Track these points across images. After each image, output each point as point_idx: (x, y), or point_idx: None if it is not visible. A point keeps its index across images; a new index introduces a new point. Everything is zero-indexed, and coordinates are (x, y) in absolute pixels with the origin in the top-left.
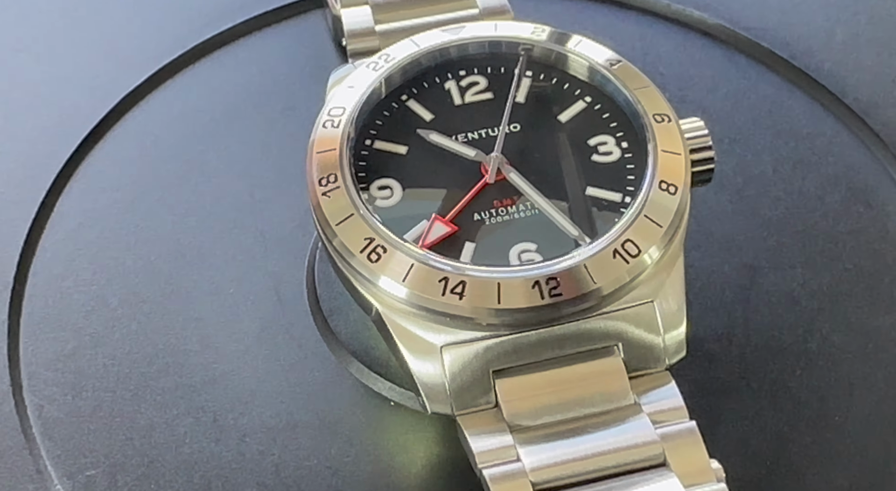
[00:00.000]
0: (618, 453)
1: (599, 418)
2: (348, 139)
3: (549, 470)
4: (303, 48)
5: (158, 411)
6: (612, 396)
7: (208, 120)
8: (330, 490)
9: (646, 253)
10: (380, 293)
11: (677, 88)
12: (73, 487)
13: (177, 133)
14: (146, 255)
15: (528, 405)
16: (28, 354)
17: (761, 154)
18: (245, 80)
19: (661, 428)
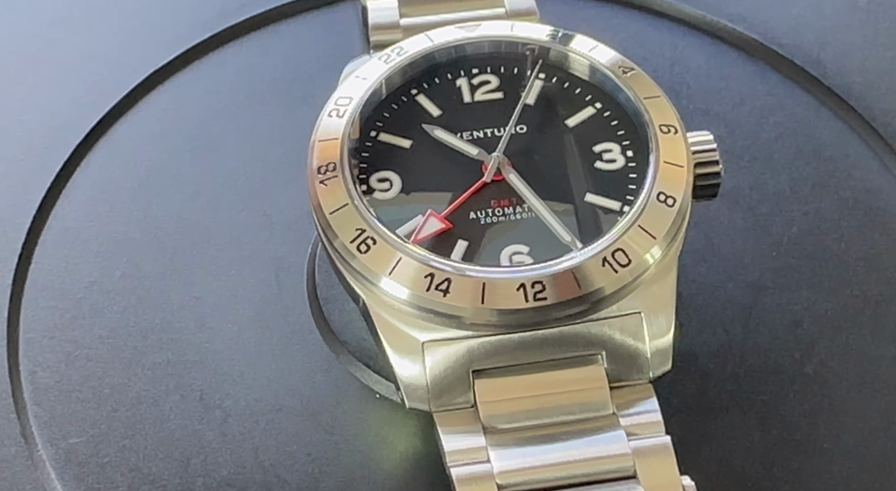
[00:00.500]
0: (588, 463)
1: (575, 426)
2: (351, 130)
3: (517, 474)
4: (332, 38)
5: (147, 386)
6: (591, 405)
7: (231, 103)
8: (306, 477)
9: (636, 263)
10: (366, 285)
11: (702, 100)
12: (56, 454)
13: (198, 114)
14: (153, 231)
15: (506, 408)
16: (28, 320)
17: (780, 172)
18: (271, 66)
19: (636, 440)
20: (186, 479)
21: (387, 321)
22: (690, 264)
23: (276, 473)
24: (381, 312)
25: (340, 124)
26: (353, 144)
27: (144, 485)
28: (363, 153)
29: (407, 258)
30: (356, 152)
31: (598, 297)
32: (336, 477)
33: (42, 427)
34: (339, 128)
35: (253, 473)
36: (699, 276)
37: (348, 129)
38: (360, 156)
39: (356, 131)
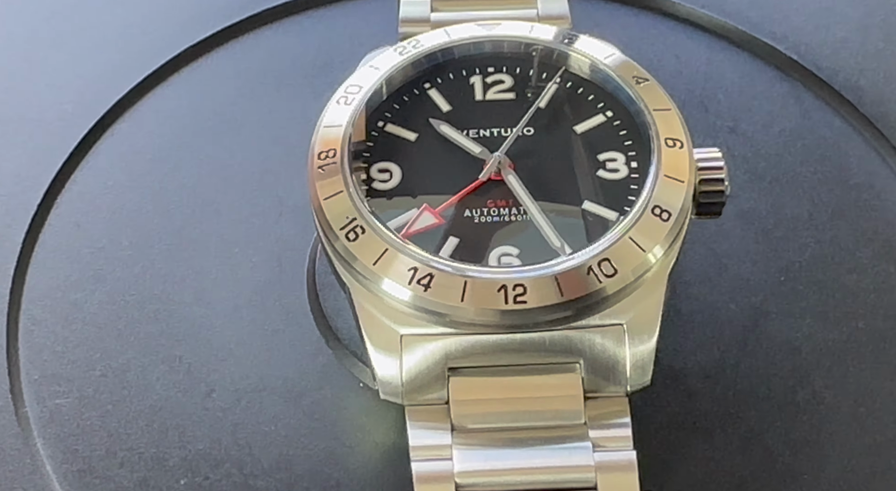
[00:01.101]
0: (549, 472)
1: (544, 433)
2: (357, 118)
3: (477, 476)
4: (368, 27)
5: (137, 354)
6: (564, 413)
7: (258, 86)
8: (280, 458)
9: (622, 274)
10: (352, 273)
11: (731, 117)
12: (41, 413)
13: (224, 95)
14: (166, 204)
15: (477, 408)
16: (33, 278)
17: (801, 197)
18: (301, 52)
19: (601, 453)
20: (162, 449)
21: (368, 311)
22: (694, 281)
23: (250, 452)
24: (364, 302)
25: (347, 112)
26: (359, 133)
27: (122, 451)
28: (368, 142)
29: (393, 250)
30: (360, 141)
31: (580, 305)
32: (309, 460)
33: (31, 385)
34: (344, 115)
35: (228, 450)
36: (702, 293)
37: (354, 117)
38: (364, 145)
39: (362, 120)
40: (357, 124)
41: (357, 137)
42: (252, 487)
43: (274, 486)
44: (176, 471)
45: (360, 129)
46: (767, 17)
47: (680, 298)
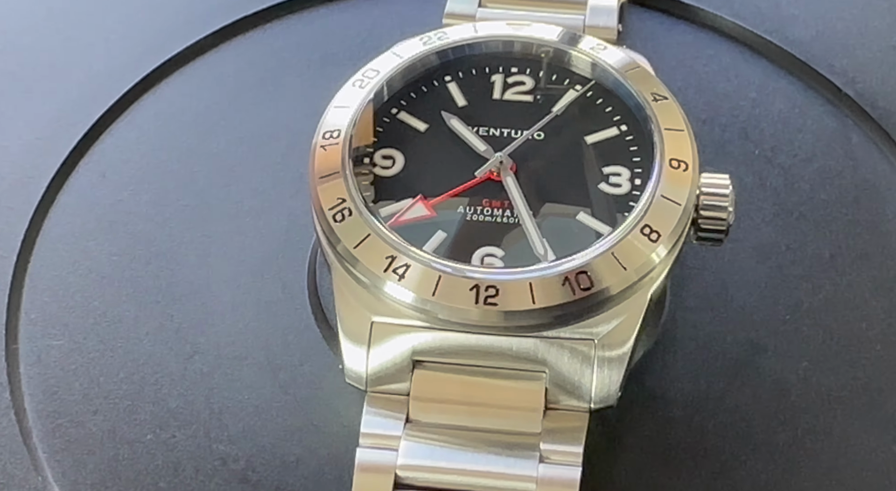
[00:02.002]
0: (490, 477)
1: (495, 437)
2: (367, 102)
3: (418, 471)
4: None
5: (132, 307)
6: (520, 421)
7: (298, 67)
8: (246, 428)
9: (597, 289)
10: (335, 254)
11: (771, 147)
12: (31, 351)
13: (265, 71)
14: (191, 166)
15: (435, 404)
16: (51, 223)
17: (827, 237)
18: (335, 40)
19: (546, 466)
20: (136, 402)
21: (344, 294)
22: (696, 308)
23: (220, 417)
24: (342, 284)
25: (359, 95)
26: (367, 117)
27: (98, 399)
28: (377, 127)
29: (375, 236)
30: (367, 125)
31: (552, 314)
32: (274, 434)
33: (28, 323)
34: (356, 98)
35: (199, 412)
36: (701, 321)
37: (365, 101)
38: (373, 129)
39: (372, 105)
40: (366, 108)
41: (364, 121)
42: (214, 451)
43: (235, 453)
44: (145, 425)
45: (368, 114)
46: (830, 50)
47: (677, 323)
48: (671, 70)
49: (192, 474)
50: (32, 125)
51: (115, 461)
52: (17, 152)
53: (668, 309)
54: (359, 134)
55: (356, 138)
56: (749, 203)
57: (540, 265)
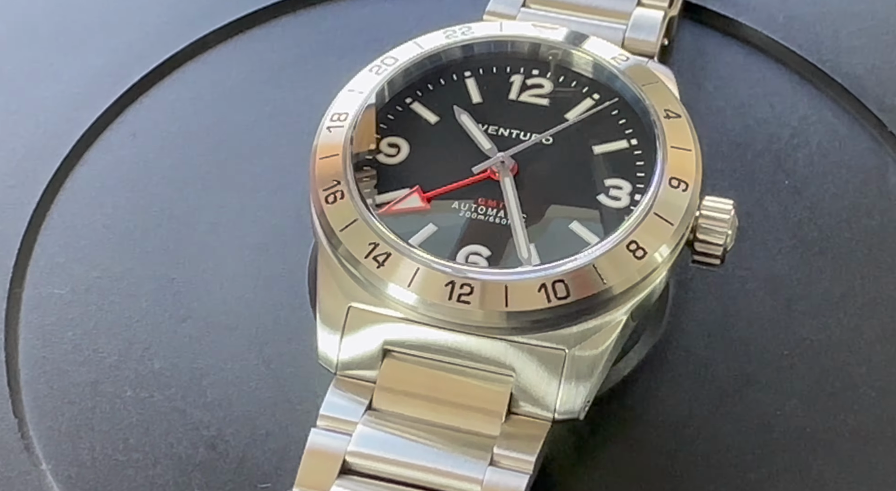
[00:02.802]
0: (435, 474)
1: (452, 434)
2: (381, 90)
3: (366, 459)
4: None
5: (136, 266)
6: (480, 422)
7: (321, 56)
8: (224, 396)
9: (573, 300)
10: (322, 234)
11: (802, 178)
12: (33, 296)
13: (290, 57)
14: (220, 136)
15: (399, 396)
16: (76, 176)
17: (843, 276)
18: (361, 30)
19: (494, 470)
20: (123, 359)
21: (326, 275)
22: (694, 333)
23: (200, 383)
24: (325, 266)
25: (373, 81)
26: (380, 104)
27: (88, 350)
28: (388, 115)
29: (362, 221)
30: (380, 112)
31: (524, 319)
32: (249, 406)
33: (35, 269)
34: (370, 84)
35: (181, 376)
36: (696, 347)
37: (378, 87)
38: (383, 116)
39: (385, 92)
40: (378, 95)
41: (374, 108)
42: (188, 415)
43: (208, 420)
44: (127, 382)
45: (380, 101)
46: (882, 86)
47: (670, 345)
48: (715, 89)
49: (162, 435)
50: (76, 80)
51: (91, 412)
52: (55, 104)
53: (664, 329)
54: (366, 120)
55: (362, 124)
56: (768, 233)
57: (520, 269)
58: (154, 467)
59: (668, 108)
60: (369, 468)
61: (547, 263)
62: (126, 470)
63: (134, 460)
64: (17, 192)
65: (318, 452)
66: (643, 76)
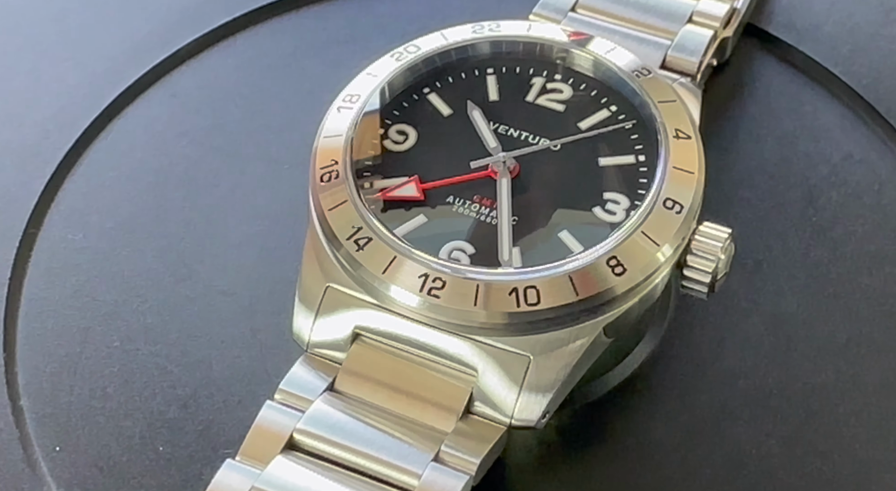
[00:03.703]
0: (378, 463)
1: (405, 424)
2: (396, 78)
3: (313, 439)
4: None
5: (150, 220)
6: (436, 417)
7: (340, 46)
8: (204, 358)
9: (542, 308)
10: (314, 211)
11: (831, 218)
12: (46, 239)
13: (307, 48)
14: (252, 110)
15: (362, 379)
16: (103, 142)
17: (852, 321)
18: (375, 21)
19: (435, 467)
20: (118, 309)
21: (310, 253)
22: (683, 357)
23: (185, 343)
24: (311, 243)
25: (392, 67)
26: (396, 92)
27: (86, 297)
28: (404, 102)
29: (350, 204)
30: (396, 99)
31: (493, 321)
32: (228, 371)
33: (54, 215)
34: (387, 69)
35: (169, 333)
36: (682, 374)
37: (393, 75)
38: (398, 103)
39: (401, 79)
40: (393, 81)
41: (382, 95)
42: (168, 373)
43: (186, 380)
44: (117, 333)
45: (394, 87)
46: None
47: (657, 368)
48: (760, 115)
49: (140, 388)
50: (122, 41)
51: (78, 357)
52: (102, 57)
53: (653, 351)
54: (381, 108)
55: (381, 110)
56: (783, 268)
57: (497, 270)
58: (125, 419)
59: (680, 128)
60: (314, 448)
61: (527, 267)
62: (97, 417)
63: (107, 409)
64: (53, 138)
65: (265, 425)
66: (662, 93)
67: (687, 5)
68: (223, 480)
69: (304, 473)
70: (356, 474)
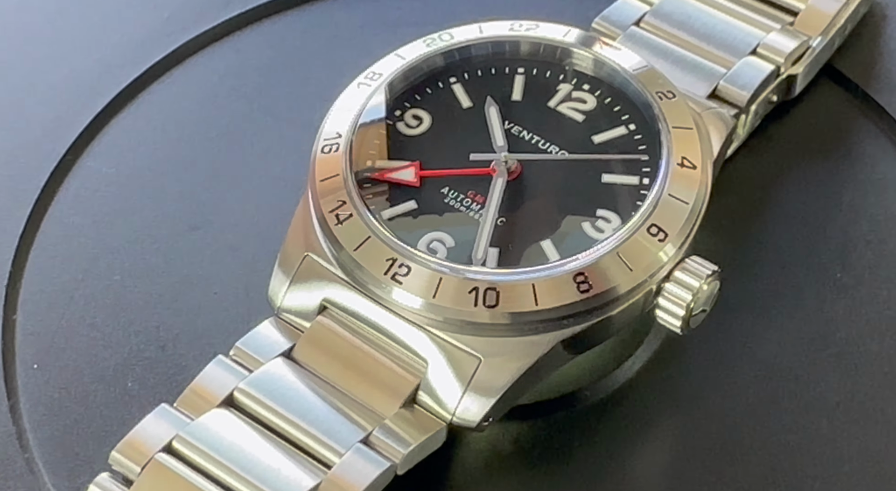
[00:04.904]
0: (307, 435)
1: (348, 401)
2: (424, 60)
3: (251, 400)
4: None
5: (178, 169)
6: (379, 400)
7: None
8: (194, 307)
9: (500, 311)
10: (309, 179)
11: (857, 275)
12: (79, 167)
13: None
14: (284, 90)
15: (319, 351)
16: (132, 111)
17: (846, 385)
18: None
19: (359, 449)
20: (126, 246)
21: (298, 220)
22: (661, 390)
23: (180, 288)
24: (301, 210)
25: (421, 51)
26: (413, 74)
27: (102, 229)
28: (427, 88)
29: (340, 177)
30: (421, 84)
31: (447, 315)
32: (215, 323)
33: (95, 146)
34: (416, 52)
35: (168, 276)
36: (656, 405)
37: (423, 57)
38: (422, 88)
39: (429, 66)
40: (419, 65)
41: (406, 77)
42: (156, 314)
43: (170, 324)
44: (120, 268)
45: (417, 71)
46: None
47: (629, 398)
48: (813, 158)
49: (126, 324)
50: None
51: (78, 284)
52: (120, 42)
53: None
54: (396, 84)
55: (392, 88)
56: (789, 320)
57: (463, 266)
58: (104, 349)
59: (688, 156)
60: (251, 409)
61: (498, 269)
62: (80, 343)
63: (91, 337)
64: (113, 73)
65: (207, 379)
66: (680, 119)
67: (753, 36)
68: (149, 424)
69: (231, 430)
70: (283, 442)
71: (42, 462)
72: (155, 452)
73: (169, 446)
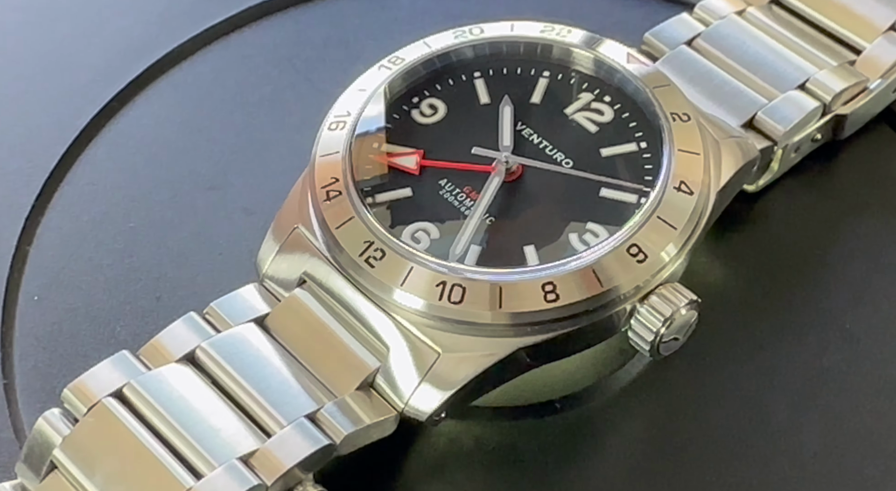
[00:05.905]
0: (254, 403)
1: (305, 377)
2: (450, 52)
3: (209, 361)
4: None
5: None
6: (337, 378)
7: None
8: (196, 263)
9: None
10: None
11: (860, 348)
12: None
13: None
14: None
15: (289, 321)
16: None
17: (824, 442)
18: None
19: (303, 423)
20: (144, 195)
21: (296, 192)
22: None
23: (188, 244)
24: (301, 183)
25: (448, 42)
26: (445, 68)
27: (125, 177)
28: (449, 79)
29: (338, 155)
30: (443, 75)
31: (409, 303)
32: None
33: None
34: (443, 42)
35: (179, 230)
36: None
37: (448, 48)
38: (444, 79)
39: (456, 58)
40: (444, 56)
41: (429, 66)
42: (160, 266)
43: (171, 277)
44: (136, 215)
45: (441, 61)
46: None
47: (598, 419)
48: (847, 201)
49: (128, 271)
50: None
51: (95, 225)
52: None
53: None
54: (415, 70)
55: (413, 74)
56: (784, 362)
57: (436, 259)
58: (102, 293)
59: (686, 181)
60: (209, 368)
61: (471, 266)
62: (82, 281)
63: (93, 278)
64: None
65: (172, 334)
66: (687, 142)
67: (804, 71)
68: (104, 368)
69: (184, 386)
70: (234, 406)
71: (20, 389)
72: (103, 395)
73: (119, 392)
